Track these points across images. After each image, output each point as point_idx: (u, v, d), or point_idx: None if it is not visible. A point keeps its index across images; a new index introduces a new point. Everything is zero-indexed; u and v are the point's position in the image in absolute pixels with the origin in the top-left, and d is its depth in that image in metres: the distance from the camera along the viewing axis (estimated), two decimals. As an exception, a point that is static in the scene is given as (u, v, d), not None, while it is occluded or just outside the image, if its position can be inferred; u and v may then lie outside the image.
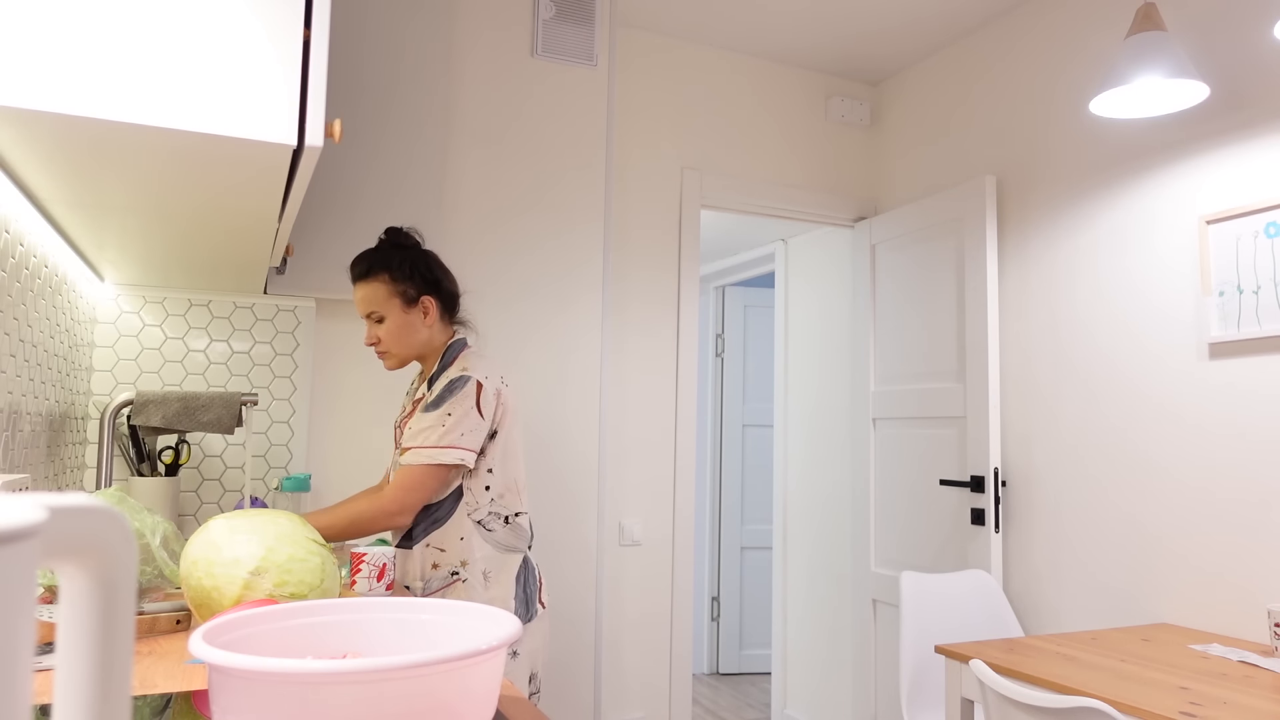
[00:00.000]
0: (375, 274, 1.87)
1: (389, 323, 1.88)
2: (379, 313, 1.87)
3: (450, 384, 1.84)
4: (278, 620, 0.86)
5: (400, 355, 1.91)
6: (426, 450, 1.79)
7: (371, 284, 1.87)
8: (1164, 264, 2.51)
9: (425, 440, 1.80)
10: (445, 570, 1.84)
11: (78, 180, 1.35)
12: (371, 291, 1.87)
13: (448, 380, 1.84)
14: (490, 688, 0.76)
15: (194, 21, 1.12)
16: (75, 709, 0.35)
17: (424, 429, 1.81)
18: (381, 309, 1.87)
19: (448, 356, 1.93)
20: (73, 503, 0.33)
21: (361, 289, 1.88)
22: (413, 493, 1.79)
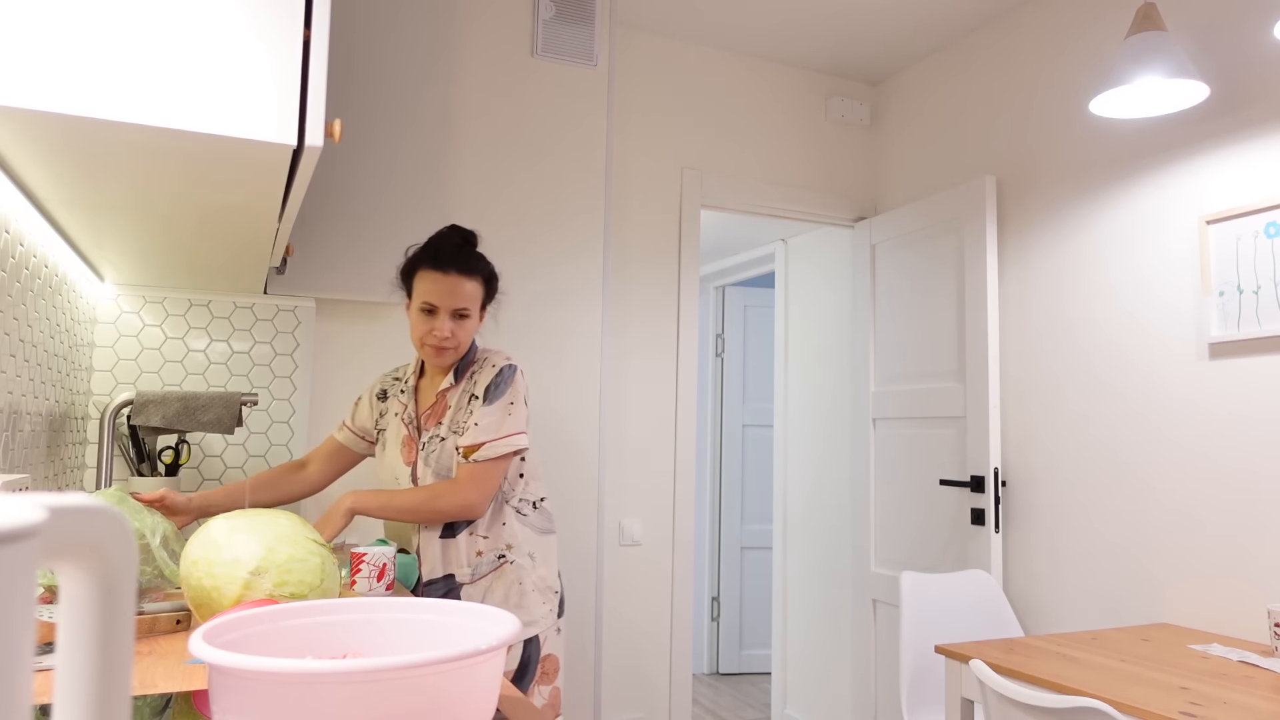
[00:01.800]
0: (476, 273, 1.86)
1: (470, 322, 1.87)
2: (467, 309, 1.85)
3: (500, 374, 1.86)
4: (278, 620, 0.86)
5: (459, 355, 1.89)
6: (499, 442, 1.82)
7: (472, 281, 1.85)
8: (1164, 264, 2.51)
9: (495, 431, 1.82)
10: (491, 555, 1.86)
11: (78, 180, 1.35)
12: (471, 288, 1.85)
13: (494, 370, 1.86)
14: (490, 688, 0.76)
15: (193, 21, 1.12)
16: (75, 709, 0.35)
17: (491, 421, 1.82)
18: (470, 306, 1.85)
19: (470, 351, 1.95)
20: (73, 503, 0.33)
21: (462, 283, 1.83)
22: (490, 483, 1.82)
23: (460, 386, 1.88)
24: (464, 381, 1.89)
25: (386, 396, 2.01)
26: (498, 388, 1.86)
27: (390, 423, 1.97)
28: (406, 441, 1.91)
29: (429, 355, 1.85)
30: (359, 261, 2.62)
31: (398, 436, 1.94)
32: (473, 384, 1.87)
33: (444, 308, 1.82)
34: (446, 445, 1.84)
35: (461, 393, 1.88)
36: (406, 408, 1.94)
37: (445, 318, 1.83)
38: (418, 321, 1.85)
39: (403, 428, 1.93)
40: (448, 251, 1.84)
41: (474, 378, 1.88)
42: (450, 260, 1.83)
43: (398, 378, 2.03)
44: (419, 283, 1.86)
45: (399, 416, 1.95)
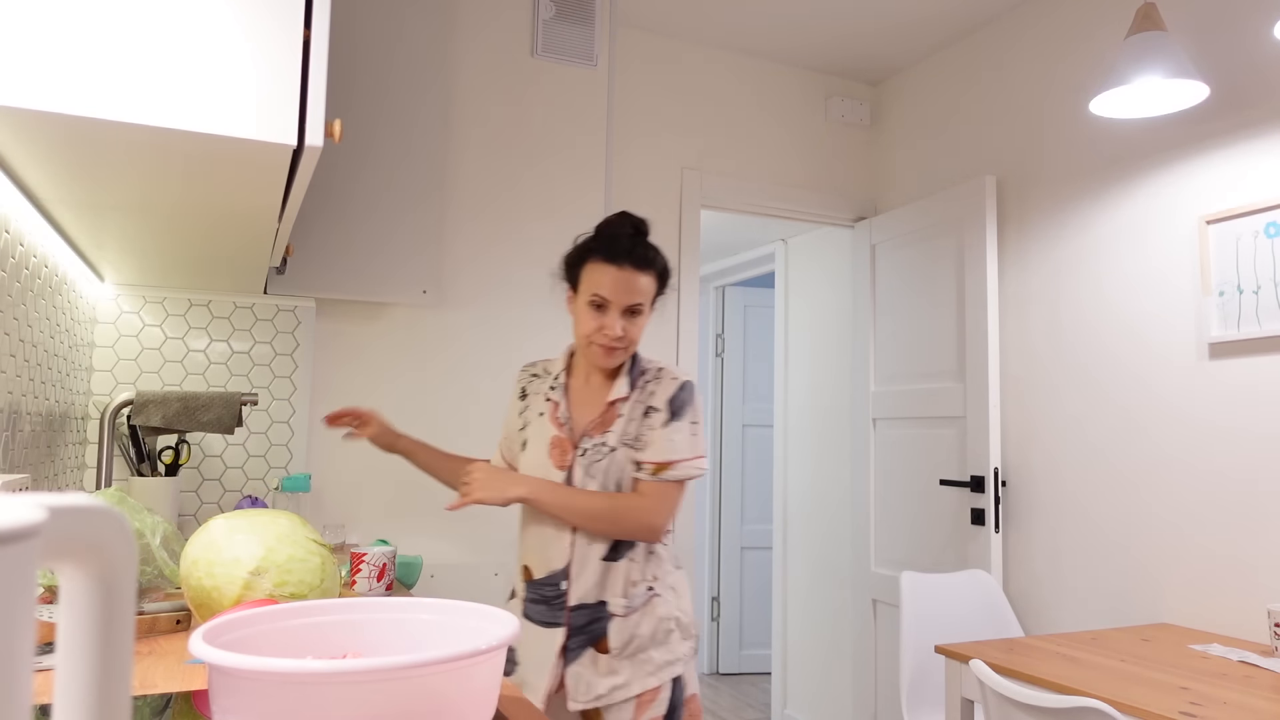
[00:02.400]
0: (651, 267, 1.70)
1: (641, 320, 1.71)
2: (640, 305, 1.68)
3: (683, 389, 1.72)
4: (278, 620, 0.86)
5: (629, 354, 1.72)
6: (690, 463, 1.69)
7: (646, 275, 1.69)
8: (1164, 264, 2.51)
9: (688, 451, 1.69)
10: (643, 586, 1.70)
11: (78, 180, 1.35)
12: (645, 283, 1.69)
13: (675, 384, 1.73)
14: (490, 688, 0.76)
15: (193, 21, 1.12)
16: (75, 709, 0.35)
17: (683, 440, 1.69)
18: (644, 303, 1.69)
19: (637, 360, 1.80)
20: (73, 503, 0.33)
21: (637, 277, 1.67)
22: (674, 505, 1.69)
23: (632, 397, 1.72)
24: (636, 391, 1.73)
25: (526, 395, 1.83)
26: (683, 405, 1.71)
27: (533, 421, 1.77)
28: (557, 444, 1.72)
29: (596, 355, 1.68)
30: (359, 261, 2.62)
31: (543, 436, 1.74)
32: (648, 395, 1.72)
33: (616, 304, 1.66)
34: (617, 457, 1.67)
35: (634, 403, 1.71)
36: (558, 406, 1.74)
37: (616, 315, 1.66)
38: (585, 317, 1.68)
39: (552, 428, 1.73)
40: (623, 243, 1.67)
41: (648, 388, 1.73)
42: (625, 253, 1.67)
43: (537, 374, 1.84)
44: (589, 275, 1.68)
45: (545, 416, 1.75)
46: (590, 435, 1.71)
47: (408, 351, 2.78)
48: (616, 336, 1.66)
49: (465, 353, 2.85)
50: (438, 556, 2.75)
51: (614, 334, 1.65)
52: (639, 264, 1.67)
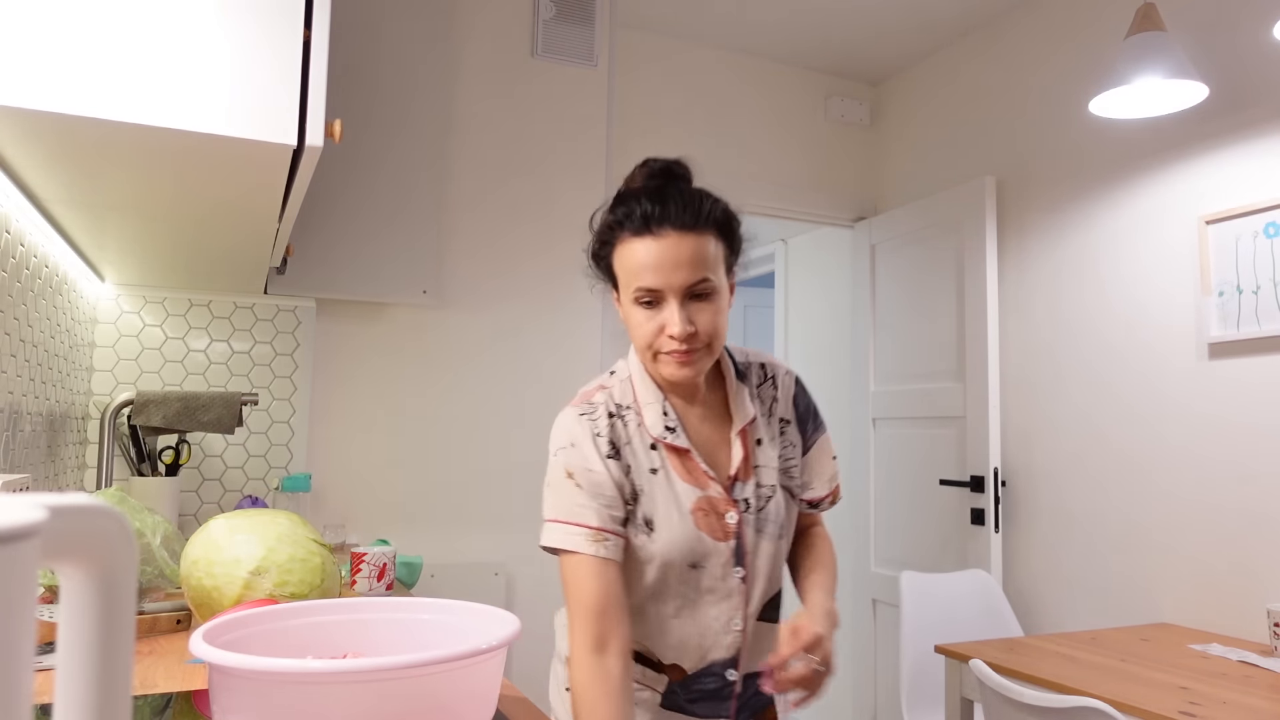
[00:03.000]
0: (706, 222, 1.17)
1: (717, 299, 1.18)
2: (708, 282, 1.16)
3: (801, 385, 1.37)
4: (278, 620, 0.87)
5: (714, 353, 1.21)
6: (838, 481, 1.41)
7: (703, 236, 1.16)
8: (1164, 264, 2.51)
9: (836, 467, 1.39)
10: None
11: (78, 180, 1.35)
12: (704, 247, 1.16)
13: (792, 380, 1.36)
14: (490, 688, 0.77)
15: (193, 21, 1.12)
16: (76, 709, 0.35)
17: (831, 455, 1.37)
18: (712, 275, 1.17)
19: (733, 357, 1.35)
20: (73, 503, 0.33)
21: (688, 242, 1.15)
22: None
23: (757, 411, 1.30)
24: (756, 402, 1.31)
25: (620, 451, 1.25)
26: (812, 405, 1.37)
27: (649, 485, 1.23)
28: (705, 507, 1.23)
29: (670, 370, 1.19)
30: (359, 261, 2.62)
31: (675, 503, 1.23)
32: (770, 402, 1.32)
33: (670, 289, 1.16)
34: (777, 499, 1.27)
35: (761, 419, 1.30)
36: (690, 455, 1.24)
37: (677, 305, 1.16)
38: (638, 322, 1.19)
39: (688, 489, 1.23)
40: (653, 199, 1.17)
41: (762, 391, 1.32)
42: (663, 215, 1.16)
43: (614, 413, 1.26)
44: (622, 260, 1.19)
45: (669, 472, 1.24)
46: (742, 480, 1.26)
47: (408, 351, 2.78)
48: (685, 335, 1.16)
49: (465, 352, 2.85)
50: (438, 556, 2.75)
51: (679, 332, 1.16)
52: (686, 222, 1.16)
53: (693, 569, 1.24)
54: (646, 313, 1.18)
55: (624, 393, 1.28)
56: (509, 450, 2.88)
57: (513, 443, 2.88)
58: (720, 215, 1.20)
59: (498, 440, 2.86)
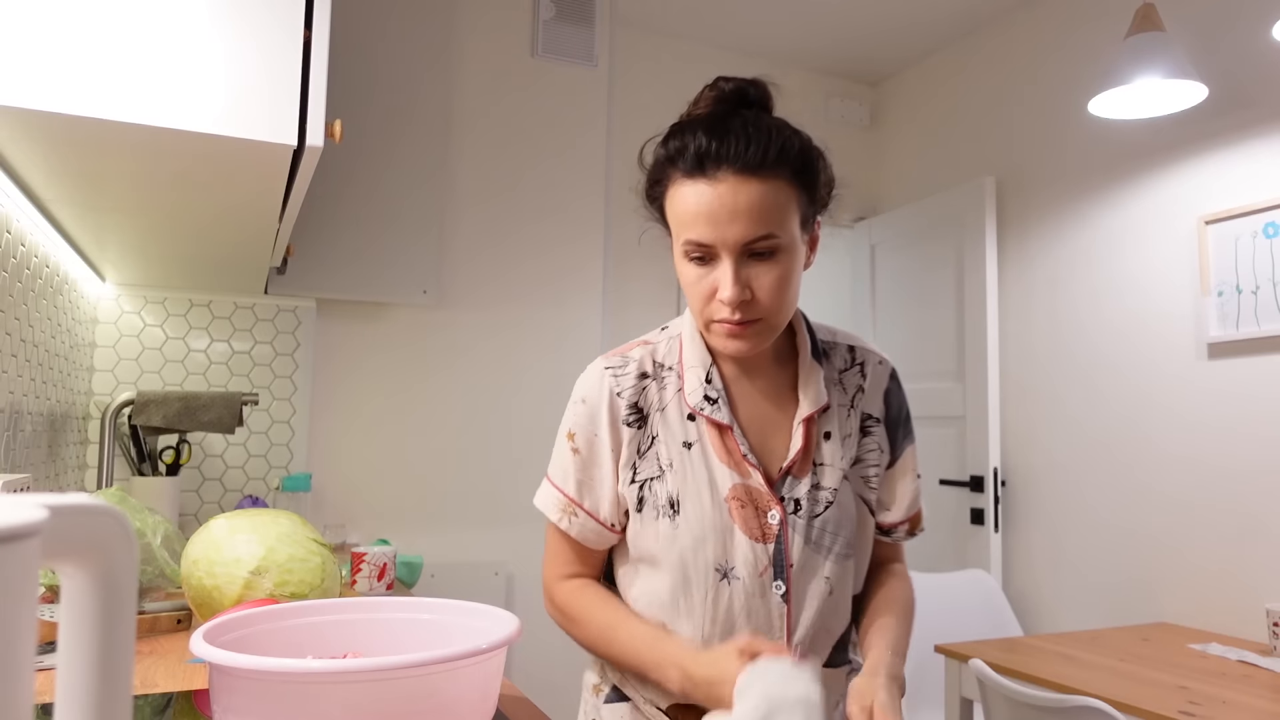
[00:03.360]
0: (778, 164, 0.94)
1: (785, 261, 0.96)
2: (774, 239, 0.94)
3: (894, 377, 1.12)
4: (278, 620, 0.87)
5: (776, 327, 0.99)
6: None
7: (771, 181, 0.93)
8: (1163, 264, 2.51)
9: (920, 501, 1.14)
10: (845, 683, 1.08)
11: (79, 181, 1.35)
12: (773, 194, 0.94)
13: (889, 373, 1.11)
14: (490, 688, 0.77)
15: (194, 22, 1.13)
16: (77, 708, 0.35)
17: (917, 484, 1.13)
18: (778, 231, 0.94)
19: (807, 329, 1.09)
20: (73, 502, 0.34)
21: (749, 187, 0.93)
22: None
23: (831, 397, 1.06)
24: (835, 389, 1.07)
25: (645, 417, 1.05)
26: (906, 406, 1.12)
27: (682, 461, 1.02)
28: (742, 498, 1.00)
29: (719, 341, 0.99)
30: (359, 261, 2.62)
31: (710, 484, 1.01)
32: (854, 393, 1.07)
33: (724, 245, 0.94)
34: (842, 507, 1.02)
35: (836, 412, 1.06)
36: (730, 431, 1.02)
37: (730, 264, 0.94)
38: (689, 281, 0.99)
39: (726, 472, 1.01)
40: (712, 132, 0.94)
41: (846, 379, 1.08)
42: (721, 152, 0.93)
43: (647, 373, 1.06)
44: (673, 205, 0.98)
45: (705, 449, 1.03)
46: (795, 475, 1.02)
47: (408, 351, 2.78)
48: (738, 301, 0.94)
49: (466, 352, 2.86)
50: (438, 556, 2.76)
51: (730, 297, 0.94)
52: (749, 162, 0.92)
53: (722, 579, 0.99)
54: (698, 270, 0.97)
55: (669, 351, 1.07)
56: (509, 450, 2.88)
57: (513, 442, 2.89)
58: (797, 154, 0.95)
59: (498, 440, 2.87)
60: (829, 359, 1.09)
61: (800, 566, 1.00)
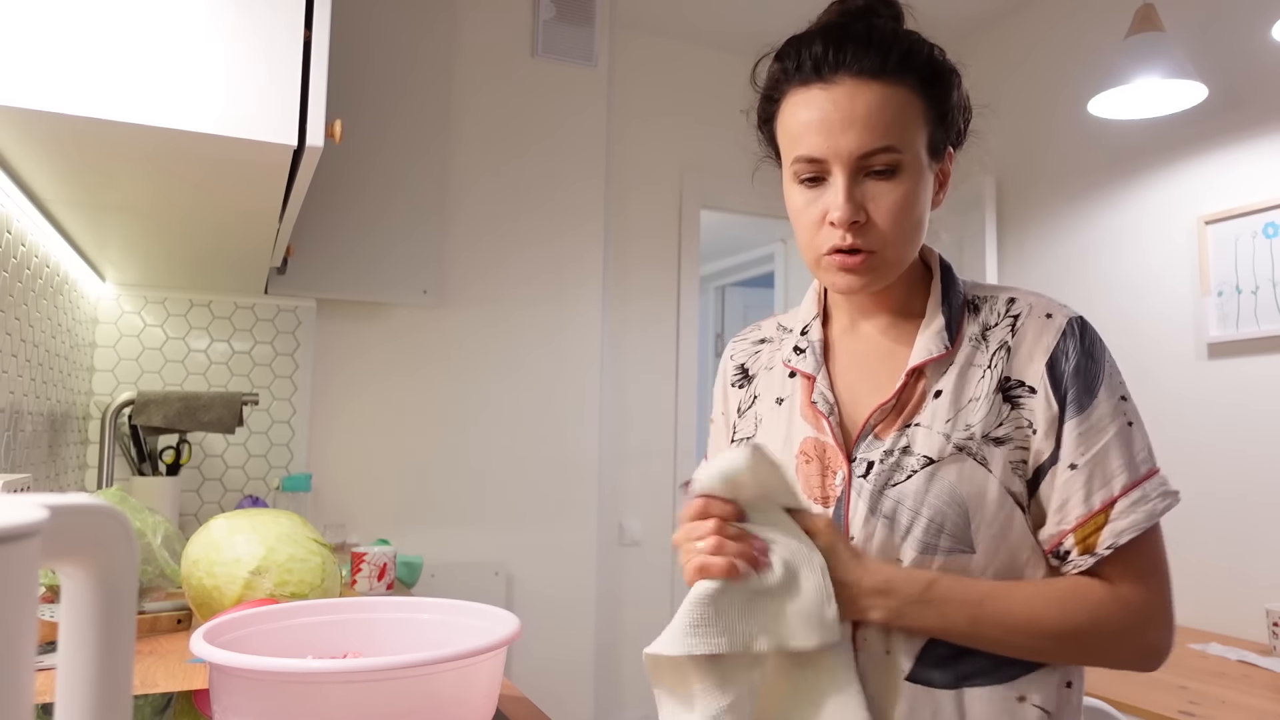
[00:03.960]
0: (903, 71, 0.84)
1: (908, 185, 0.84)
2: (896, 154, 0.83)
3: (1074, 331, 0.85)
4: (278, 620, 0.87)
5: (895, 261, 0.86)
6: (1149, 487, 0.82)
7: (895, 89, 0.83)
8: (1163, 264, 2.51)
9: (1135, 467, 0.82)
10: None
11: (79, 180, 1.36)
12: (897, 103, 0.83)
13: (1055, 325, 0.86)
14: (490, 687, 0.77)
15: (194, 22, 1.13)
16: (77, 708, 0.35)
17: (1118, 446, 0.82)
18: (901, 145, 0.83)
19: (951, 280, 0.92)
20: (74, 502, 0.34)
21: (869, 92, 0.83)
22: (1165, 579, 0.83)
23: (959, 357, 0.87)
24: (966, 339, 0.88)
25: (751, 377, 1.01)
26: (1095, 367, 0.84)
27: (772, 417, 0.95)
28: (811, 453, 0.90)
29: (831, 276, 0.87)
30: (359, 261, 2.62)
31: (786, 439, 0.92)
32: (996, 350, 0.86)
33: (837, 157, 0.83)
34: (950, 488, 0.82)
35: (968, 371, 0.86)
36: (813, 383, 0.92)
37: (843, 181, 0.83)
38: (797, 209, 0.87)
39: (803, 426, 0.91)
40: (829, 38, 0.85)
41: (992, 334, 0.88)
42: (839, 56, 0.84)
43: (767, 338, 1.03)
44: (784, 122, 0.88)
45: (791, 402, 0.94)
46: (877, 435, 0.87)
47: (408, 351, 2.79)
48: (849, 221, 0.82)
49: (466, 353, 2.86)
50: (438, 556, 2.76)
51: (841, 216, 0.82)
52: (868, 65, 0.83)
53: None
54: (808, 194, 0.85)
55: (799, 313, 1.00)
56: (509, 450, 2.88)
57: (513, 442, 2.89)
58: (925, 61, 0.86)
59: (498, 440, 2.87)
60: (977, 313, 0.90)
61: (863, 542, 0.83)
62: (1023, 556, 0.84)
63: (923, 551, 0.81)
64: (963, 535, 0.81)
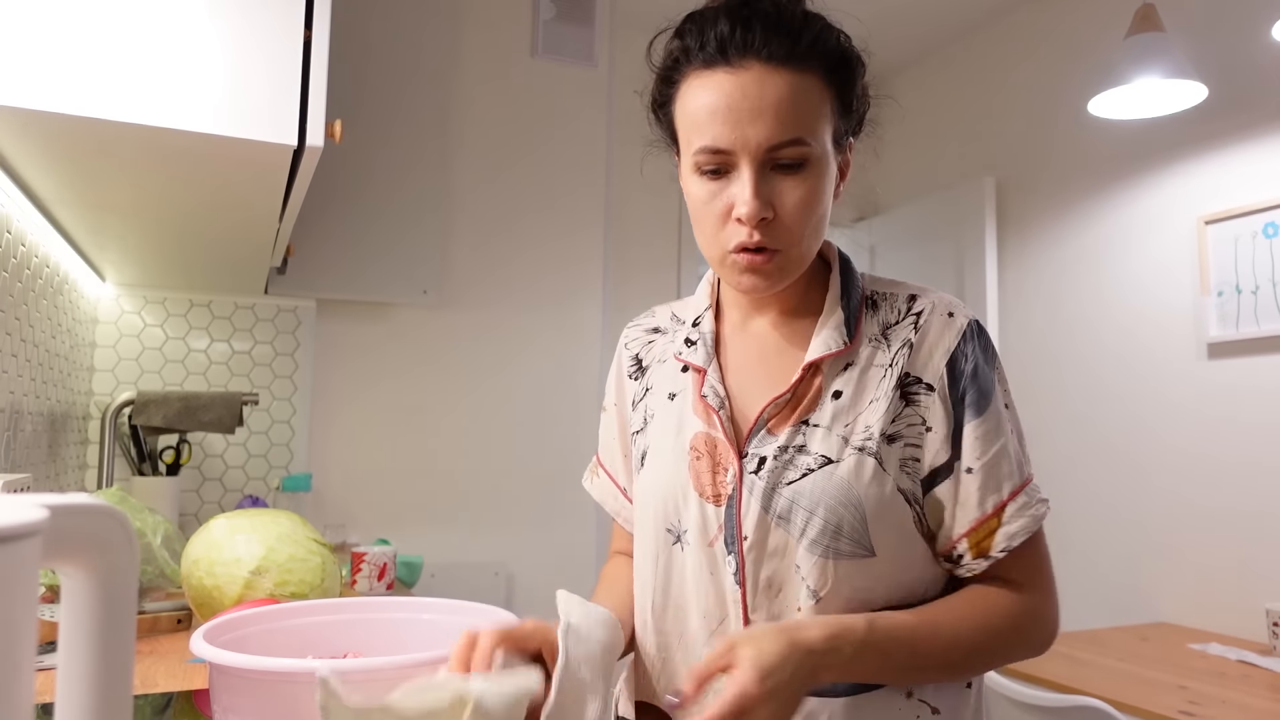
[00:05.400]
0: (809, 57, 0.80)
1: (812, 178, 0.80)
2: (802, 143, 0.79)
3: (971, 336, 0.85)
4: (278, 620, 0.87)
5: (799, 259, 0.84)
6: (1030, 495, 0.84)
7: (804, 77, 0.80)
8: (1163, 264, 2.51)
9: (1019, 478, 0.83)
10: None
11: (79, 180, 1.36)
12: (802, 94, 0.79)
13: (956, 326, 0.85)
14: (489, 687, 0.77)
15: (194, 22, 1.13)
16: (77, 708, 0.35)
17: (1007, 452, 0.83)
18: (808, 137, 0.79)
19: (850, 276, 0.92)
20: (74, 502, 0.34)
21: (778, 80, 0.78)
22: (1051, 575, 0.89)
23: (861, 351, 0.85)
24: (865, 339, 0.86)
25: (644, 368, 0.98)
26: (988, 376, 0.84)
27: (660, 411, 0.93)
28: (702, 449, 0.87)
29: (734, 276, 0.84)
30: (359, 261, 2.62)
31: (676, 437, 0.89)
32: (901, 351, 0.84)
33: (744, 149, 0.79)
34: (846, 488, 0.79)
35: (868, 371, 0.84)
36: (704, 376, 0.89)
37: (749, 174, 0.79)
38: (699, 201, 0.83)
39: (695, 418, 0.89)
40: (734, 16, 0.80)
41: (894, 333, 0.86)
42: (746, 38, 0.79)
43: (660, 328, 1.00)
44: (684, 106, 0.85)
45: (683, 398, 0.91)
46: (770, 430, 0.84)
47: (408, 351, 2.79)
48: (757, 218, 0.79)
49: (466, 353, 2.86)
50: (438, 556, 2.76)
51: (748, 212, 0.78)
52: (777, 50, 0.78)
53: (675, 542, 0.86)
54: (710, 187, 0.81)
55: (691, 304, 0.98)
56: (510, 450, 2.88)
57: (514, 442, 2.89)
58: (834, 48, 0.82)
59: (498, 440, 2.87)
60: (875, 309, 0.88)
61: (757, 543, 0.80)
62: (916, 556, 0.83)
63: (822, 555, 0.78)
64: (861, 538, 0.79)
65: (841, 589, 0.79)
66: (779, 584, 0.81)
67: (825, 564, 0.78)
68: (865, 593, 0.80)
